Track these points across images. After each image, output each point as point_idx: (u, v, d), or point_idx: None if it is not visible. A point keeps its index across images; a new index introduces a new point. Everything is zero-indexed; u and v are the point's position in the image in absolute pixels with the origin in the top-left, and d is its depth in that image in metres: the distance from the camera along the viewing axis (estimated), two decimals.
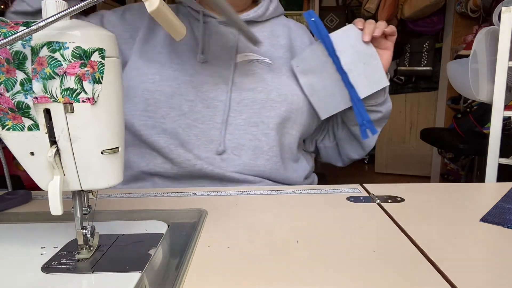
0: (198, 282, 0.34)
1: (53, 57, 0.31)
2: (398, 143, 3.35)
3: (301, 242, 0.42)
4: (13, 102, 0.32)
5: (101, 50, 0.33)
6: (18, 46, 0.31)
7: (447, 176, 3.06)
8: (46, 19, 0.30)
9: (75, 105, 0.33)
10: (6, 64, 0.31)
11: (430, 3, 2.66)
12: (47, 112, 0.33)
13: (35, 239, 0.44)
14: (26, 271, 0.37)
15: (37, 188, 0.39)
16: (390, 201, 0.55)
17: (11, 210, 0.55)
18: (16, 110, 0.32)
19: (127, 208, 0.54)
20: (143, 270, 0.37)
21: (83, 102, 0.33)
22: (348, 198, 0.57)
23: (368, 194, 0.59)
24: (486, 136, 1.18)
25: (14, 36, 0.29)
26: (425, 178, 3.23)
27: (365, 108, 0.73)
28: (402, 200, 0.56)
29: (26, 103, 0.32)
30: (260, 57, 0.76)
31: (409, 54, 3.11)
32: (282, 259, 0.38)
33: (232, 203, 0.55)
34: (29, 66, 0.31)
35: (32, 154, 0.34)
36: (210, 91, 0.71)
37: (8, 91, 0.32)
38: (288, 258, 0.38)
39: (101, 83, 0.33)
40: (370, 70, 0.71)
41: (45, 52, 0.31)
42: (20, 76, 0.32)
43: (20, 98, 0.32)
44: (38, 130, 0.33)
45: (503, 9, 0.98)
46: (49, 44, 0.31)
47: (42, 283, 0.35)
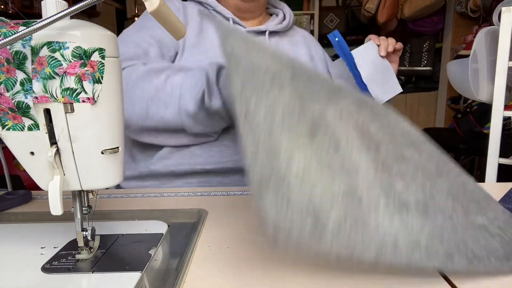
0: (198, 282, 0.34)
1: (53, 57, 0.31)
2: None
3: None
4: (13, 102, 0.32)
5: (101, 50, 0.33)
6: (18, 46, 0.31)
7: None
8: (46, 19, 0.30)
9: (75, 105, 0.33)
10: (6, 64, 0.31)
11: (430, 3, 2.66)
12: (47, 112, 0.33)
13: (35, 239, 0.44)
14: (26, 271, 0.37)
15: (37, 188, 0.39)
16: None
17: (11, 210, 0.55)
18: (16, 110, 0.32)
19: (127, 208, 0.54)
20: (143, 270, 0.37)
21: (83, 102, 0.33)
22: None
23: None
24: (486, 136, 1.18)
25: (14, 36, 0.29)
26: None
27: None
28: None
29: (26, 103, 0.32)
30: None
31: (409, 54, 3.11)
32: (282, 259, 0.38)
33: (232, 203, 0.55)
34: (29, 66, 0.31)
35: (32, 154, 0.34)
36: None
37: (8, 91, 0.32)
38: (288, 258, 0.38)
39: (101, 83, 0.33)
40: (387, 80, 0.80)
41: (45, 52, 0.31)
42: (20, 76, 0.32)
43: (20, 98, 0.32)
44: (38, 130, 0.33)
45: (503, 9, 0.98)
46: (49, 44, 0.31)
47: (42, 283, 0.35)
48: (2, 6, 2.20)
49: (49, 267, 0.37)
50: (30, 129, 0.33)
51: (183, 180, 0.71)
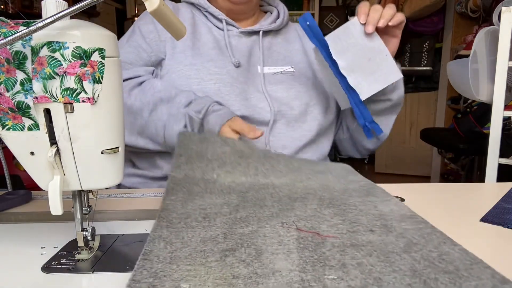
0: None
1: (53, 57, 0.31)
2: (398, 143, 3.35)
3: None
4: (13, 102, 0.32)
5: (101, 50, 0.33)
6: (18, 46, 0.31)
7: (447, 176, 3.06)
8: (46, 19, 0.30)
9: (75, 105, 0.33)
10: (6, 64, 0.31)
11: (430, 3, 2.66)
12: (47, 112, 0.33)
13: (35, 239, 0.44)
14: (26, 271, 0.37)
15: (37, 188, 0.39)
16: None
17: (11, 210, 0.55)
18: (16, 110, 0.32)
19: (127, 208, 0.54)
20: None
21: (83, 102, 0.33)
22: None
23: None
24: (486, 136, 1.18)
25: (14, 36, 0.29)
26: (425, 178, 3.23)
27: (367, 108, 0.72)
28: (402, 200, 0.55)
29: (26, 103, 0.32)
30: (282, 68, 0.80)
31: (409, 54, 3.11)
32: None
33: None
34: (29, 66, 0.31)
35: (32, 154, 0.34)
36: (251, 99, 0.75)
37: (8, 91, 0.32)
38: None
39: (101, 83, 0.33)
40: (377, 65, 0.67)
41: (45, 52, 0.31)
42: (20, 76, 0.32)
43: (20, 98, 0.32)
44: (38, 130, 0.33)
45: (503, 9, 0.98)
46: (49, 44, 0.31)
47: (42, 283, 0.35)
48: (2, 6, 2.20)
49: (49, 267, 0.37)
50: (30, 129, 0.33)
51: None
